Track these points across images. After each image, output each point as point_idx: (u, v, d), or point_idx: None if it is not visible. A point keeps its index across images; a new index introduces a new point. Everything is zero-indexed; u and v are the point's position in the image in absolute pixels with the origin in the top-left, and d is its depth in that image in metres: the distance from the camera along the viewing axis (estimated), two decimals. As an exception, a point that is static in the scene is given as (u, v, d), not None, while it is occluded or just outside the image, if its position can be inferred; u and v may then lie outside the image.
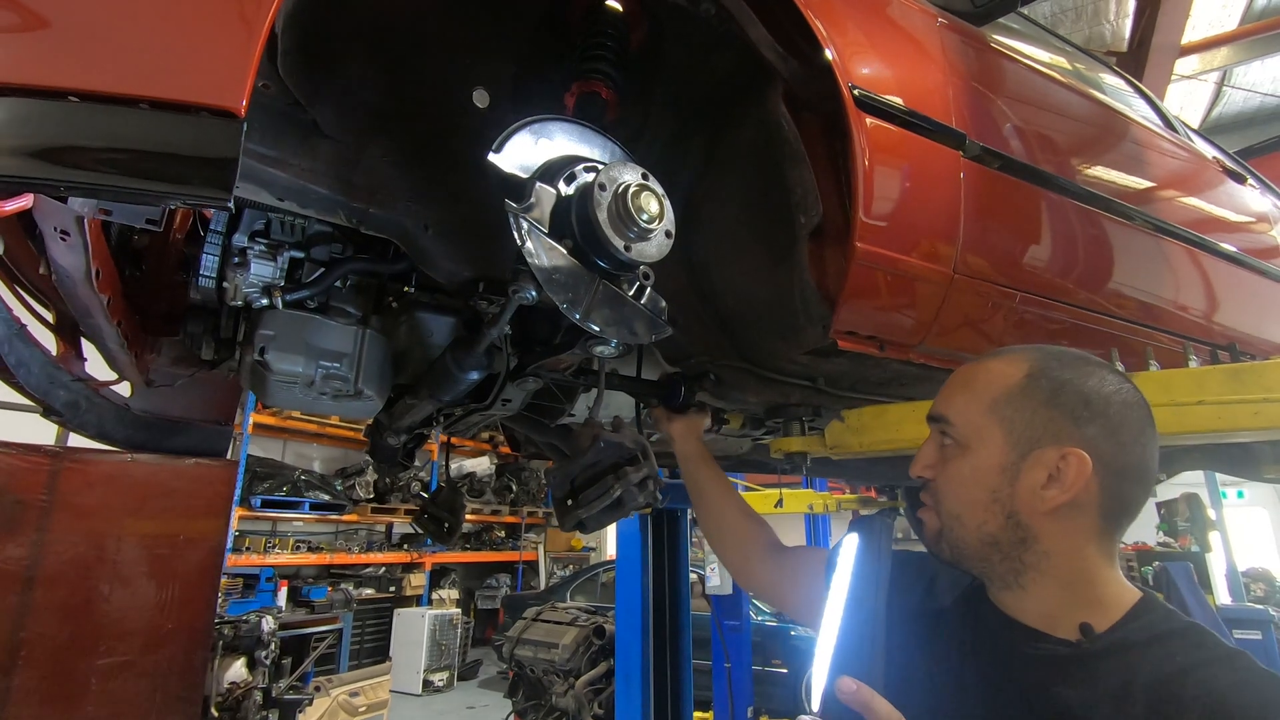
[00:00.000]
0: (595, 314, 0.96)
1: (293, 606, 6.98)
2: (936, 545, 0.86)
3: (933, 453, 0.87)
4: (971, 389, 0.86)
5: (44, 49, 0.65)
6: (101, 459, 2.10)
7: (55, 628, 1.98)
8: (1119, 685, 0.72)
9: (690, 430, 1.53)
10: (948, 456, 0.85)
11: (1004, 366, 0.86)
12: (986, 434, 0.82)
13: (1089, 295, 1.54)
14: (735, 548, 1.37)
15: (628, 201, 0.93)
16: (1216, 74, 7.15)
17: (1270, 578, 10.12)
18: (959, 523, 0.83)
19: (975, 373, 0.88)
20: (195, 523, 2.26)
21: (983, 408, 0.83)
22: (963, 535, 0.83)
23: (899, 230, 1.22)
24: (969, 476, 0.83)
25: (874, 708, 0.63)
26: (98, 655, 2.04)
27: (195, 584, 2.24)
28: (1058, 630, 0.79)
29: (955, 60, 1.40)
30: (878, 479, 3.38)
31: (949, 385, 0.89)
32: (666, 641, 3.38)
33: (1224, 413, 1.15)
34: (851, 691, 0.64)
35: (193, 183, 0.66)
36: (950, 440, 0.85)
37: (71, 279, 1.05)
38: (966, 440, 0.84)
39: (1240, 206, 2.11)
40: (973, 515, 0.82)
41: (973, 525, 0.82)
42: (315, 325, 1.26)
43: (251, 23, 0.72)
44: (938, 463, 0.86)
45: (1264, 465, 2.11)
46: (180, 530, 2.23)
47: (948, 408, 0.86)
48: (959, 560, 0.85)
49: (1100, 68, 2.33)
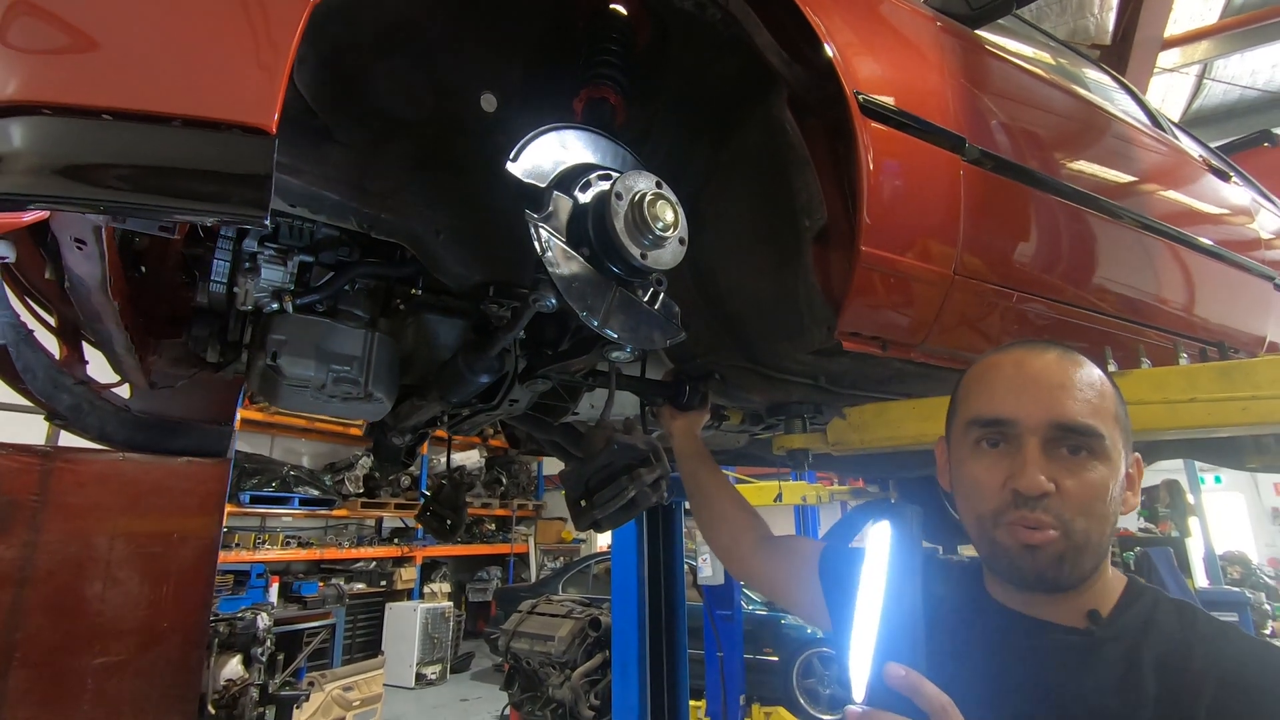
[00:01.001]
0: (613, 321, 0.98)
1: (284, 602, 6.97)
2: (1057, 567, 0.78)
3: (1045, 462, 0.78)
4: (1099, 394, 0.81)
5: (77, 69, 0.66)
6: (93, 458, 2.09)
7: (49, 628, 1.97)
8: (1128, 667, 0.76)
9: (690, 426, 1.56)
10: (1076, 468, 0.78)
11: (1093, 368, 0.83)
12: (1118, 443, 0.80)
13: (1082, 293, 1.58)
14: (729, 539, 1.39)
15: (644, 210, 0.95)
16: (1197, 67, 7.26)
17: (1246, 560, 10.38)
18: (1088, 539, 0.78)
19: (1088, 375, 0.82)
20: (188, 520, 2.25)
21: (1110, 415, 0.80)
22: (1088, 552, 0.78)
23: (902, 233, 1.25)
24: (1108, 490, 0.78)
25: (924, 691, 0.63)
26: (93, 655, 2.04)
27: (189, 582, 2.23)
28: (1064, 619, 0.82)
29: (953, 63, 1.43)
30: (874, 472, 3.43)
31: (1066, 388, 0.80)
32: (662, 632, 3.41)
33: (1215, 409, 1.19)
34: (900, 677, 0.64)
35: (230, 201, 0.67)
36: (1085, 450, 0.78)
37: (86, 286, 1.05)
38: (1108, 452, 0.79)
39: (1225, 203, 2.16)
40: (1100, 529, 0.78)
41: (1098, 539, 0.79)
42: (326, 329, 1.26)
43: (279, 41, 0.73)
44: (1057, 474, 0.78)
45: (1247, 455, 2.18)
46: (173, 528, 2.22)
47: (1095, 418, 0.79)
48: (1070, 580, 0.79)
49: (1086, 64, 2.37)
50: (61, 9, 0.66)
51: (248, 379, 1.46)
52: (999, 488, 0.80)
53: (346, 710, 5.70)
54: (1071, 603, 0.82)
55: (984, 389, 0.86)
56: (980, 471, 0.83)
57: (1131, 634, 0.79)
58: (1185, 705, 0.72)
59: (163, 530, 2.20)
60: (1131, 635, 0.79)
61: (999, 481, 0.80)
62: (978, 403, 0.85)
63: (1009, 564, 0.81)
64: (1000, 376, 0.85)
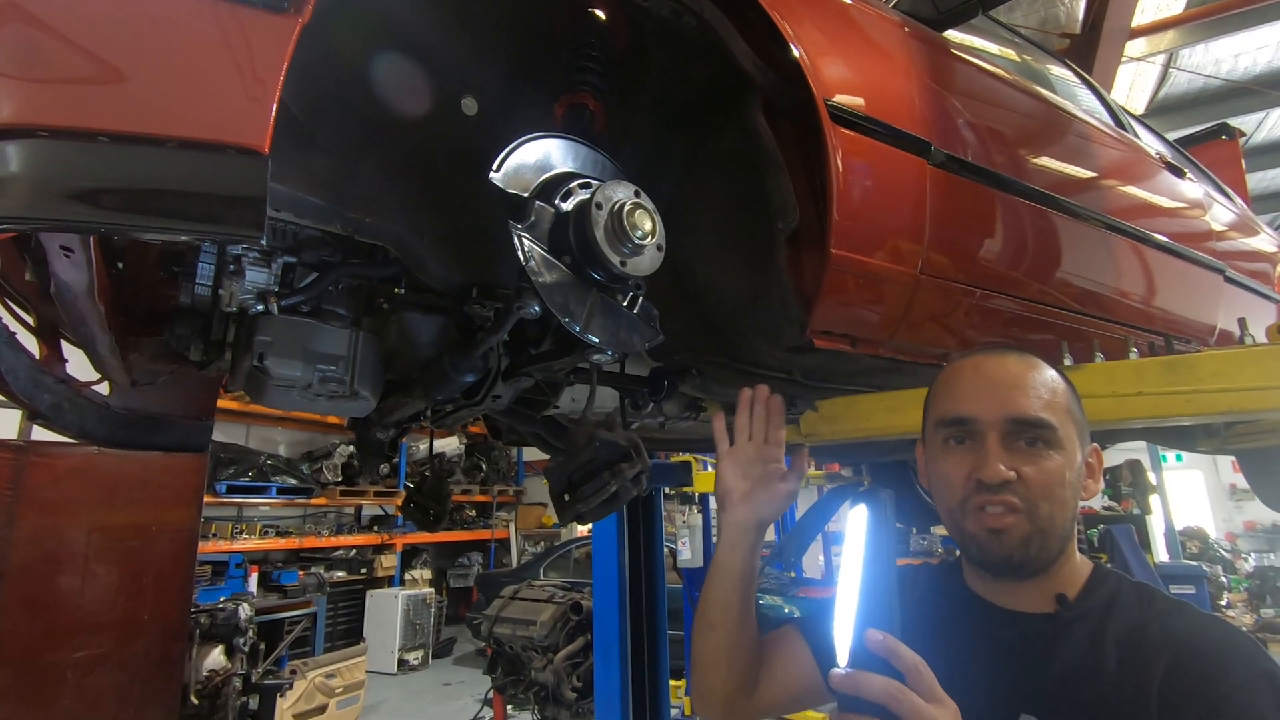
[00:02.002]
0: (594, 325, 1.02)
1: (264, 591, 6.96)
2: (1024, 549, 0.86)
3: (1004, 454, 0.87)
4: (1051, 390, 0.89)
5: (73, 91, 0.68)
6: (68, 452, 2.08)
7: (27, 623, 1.97)
8: (1092, 642, 0.84)
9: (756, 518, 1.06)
10: (1034, 458, 0.86)
11: (1048, 369, 0.92)
12: (1071, 434, 0.89)
13: (1042, 289, 1.65)
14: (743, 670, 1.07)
15: (623, 219, 0.99)
16: (1163, 56, 7.40)
17: (1204, 535, 10.77)
18: (1051, 522, 0.86)
19: (1041, 375, 0.91)
20: (166, 513, 2.25)
21: (1063, 409, 0.89)
22: (1052, 534, 0.86)
23: (870, 235, 1.31)
24: (1065, 476, 0.86)
25: (899, 653, 0.68)
26: (72, 649, 2.04)
27: (169, 574, 2.24)
28: (1036, 607, 0.90)
29: (920, 68, 1.48)
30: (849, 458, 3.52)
31: (1020, 387, 0.89)
32: (643, 615, 3.49)
33: (1159, 402, 1.27)
34: (879, 641, 0.69)
35: (226, 221, 0.69)
36: (1042, 441, 0.87)
37: (73, 292, 1.07)
38: (1062, 442, 0.87)
39: (1179, 198, 2.25)
40: (1062, 513, 0.87)
41: (1061, 522, 0.87)
42: (311, 330, 1.29)
43: (269, 62, 0.75)
44: (1016, 464, 0.86)
45: (1198, 440, 2.30)
46: (151, 521, 2.22)
47: (1047, 411, 0.87)
48: (1038, 561, 0.87)
49: (1051, 60, 2.44)
50: (58, 32, 0.68)
51: (232, 378, 1.48)
52: (965, 480, 0.89)
53: (330, 697, 5.74)
54: (1042, 589, 0.90)
55: (948, 392, 0.95)
56: (949, 467, 0.92)
57: (1096, 614, 0.87)
58: (1141, 674, 0.80)
59: (140, 523, 2.20)
60: (1096, 615, 0.87)
61: (965, 474, 0.89)
62: (943, 405, 0.95)
63: (979, 550, 0.89)
64: (962, 380, 0.94)
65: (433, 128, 1.25)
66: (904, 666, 0.68)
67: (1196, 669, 0.78)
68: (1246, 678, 0.76)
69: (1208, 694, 0.76)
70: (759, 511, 1.06)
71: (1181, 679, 0.78)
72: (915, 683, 0.67)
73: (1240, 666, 0.78)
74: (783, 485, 1.07)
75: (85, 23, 0.69)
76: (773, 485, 1.06)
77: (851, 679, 0.69)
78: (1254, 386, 1.22)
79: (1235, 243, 2.47)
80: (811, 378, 1.60)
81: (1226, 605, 9.16)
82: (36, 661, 1.98)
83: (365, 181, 1.22)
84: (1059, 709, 0.82)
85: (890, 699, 0.66)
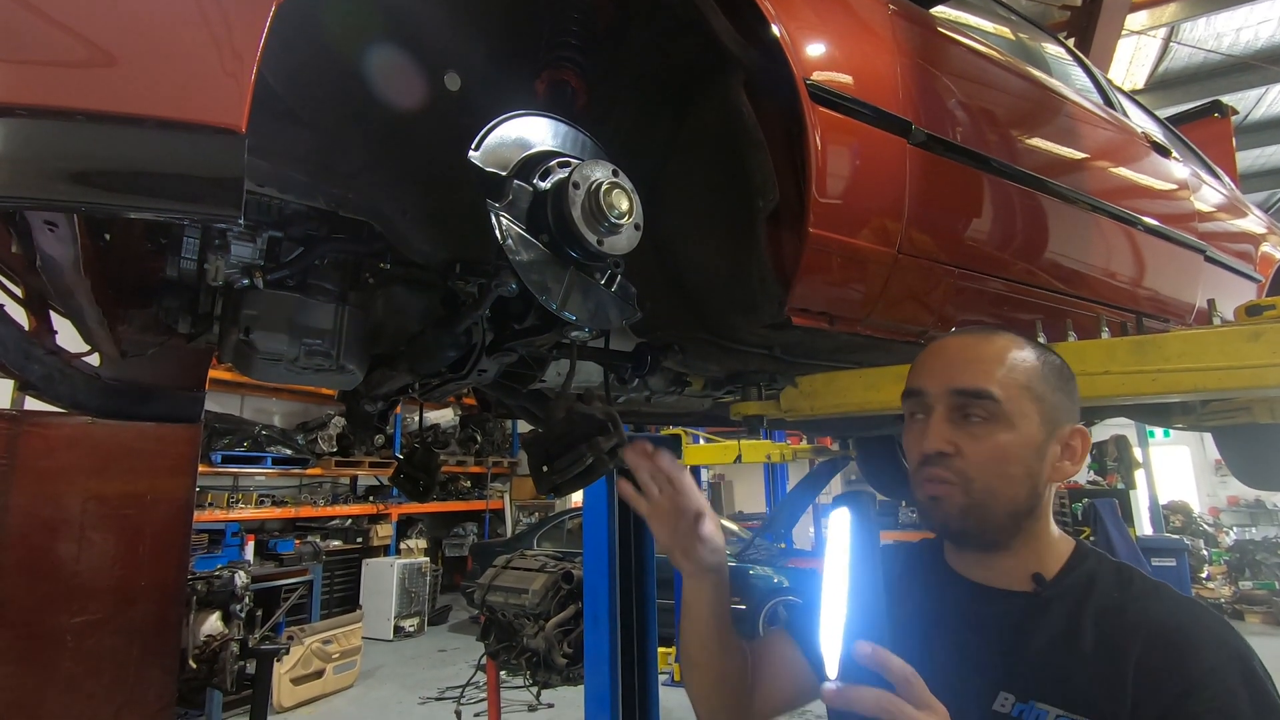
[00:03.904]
0: (571, 303, 1.04)
1: (260, 560, 7.04)
2: (961, 519, 0.88)
3: (949, 428, 0.88)
4: (1005, 365, 0.88)
5: (50, 71, 0.69)
6: (62, 422, 2.10)
7: (25, 589, 2.01)
8: (1069, 624, 0.85)
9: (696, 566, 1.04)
10: (978, 432, 0.87)
11: (1014, 347, 0.91)
12: (1026, 411, 0.87)
13: (1021, 269, 1.67)
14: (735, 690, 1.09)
15: (599, 199, 1.01)
16: (1164, 30, 7.32)
17: (1188, 510, 10.96)
18: (992, 497, 0.86)
19: (996, 350, 0.90)
20: (160, 482, 2.28)
21: (1020, 385, 0.87)
22: (993, 508, 0.87)
23: (849, 214, 1.32)
24: (1011, 452, 0.86)
25: (889, 665, 0.68)
26: (71, 614, 2.08)
27: (165, 542, 2.28)
28: (1014, 584, 0.91)
29: (904, 47, 1.48)
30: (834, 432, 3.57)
31: (970, 361, 0.90)
32: (632, 584, 3.56)
33: (1127, 381, 1.30)
34: (868, 654, 0.68)
35: (204, 201, 0.71)
36: (982, 415, 0.87)
37: (59, 266, 1.08)
38: (1009, 416, 0.86)
39: (1163, 178, 2.26)
40: (1007, 489, 0.87)
41: (1005, 498, 0.87)
42: (297, 304, 1.30)
43: (246, 40, 0.76)
44: (959, 437, 0.87)
45: (1174, 416, 2.34)
46: (146, 490, 2.25)
47: (989, 382, 0.87)
48: (979, 533, 0.89)
49: (1042, 37, 2.42)
50: (33, 8, 0.69)
51: (221, 350, 1.50)
52: (917, 452, 0.92)
53: (326, 662, 5.86)
54: (1019, 566, 0.91)
55: (913, 368, 0.97)
56: (909, 440, 0.95)
57: (1074, 594, 0.88)
58: (1117, 656, 0.81)
59: (135, 492, 2.23)
60: (1074, 595, 0.88)
61: (918, 446, 0.92)
62: (908, 379, 0.97)
63: (924, 517, 0.92)
64: (924, 356, 0.97)
65: (415, 103, 1.25)
66: (895, 678, 0.68)
67: (1171, 652, 0.79)
68: (1219, 660, 0.78)
69: (1181, 676, 0.77)
70: (700, 561, 1.03)
71: (1156, 661, 0.79)
72: (906, 693, 0.67)
73: (1213, 649, 0.79)
74: (708, 533, 1.02)
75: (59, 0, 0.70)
76: (699, 530, 1.02)
77: (843, 694, 0.69)
78: (1218, 366, 1.25)
79: (1219, 223, 2.49)
80: (792, 353, 1.62)
81: (1207, 578, 9.37)
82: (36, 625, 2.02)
83: (348, 157, 1.22)
84: (1035, 688, 0.83)
85: (883, 711, 0.67)
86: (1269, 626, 8.26)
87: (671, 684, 5.99)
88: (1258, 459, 2.97)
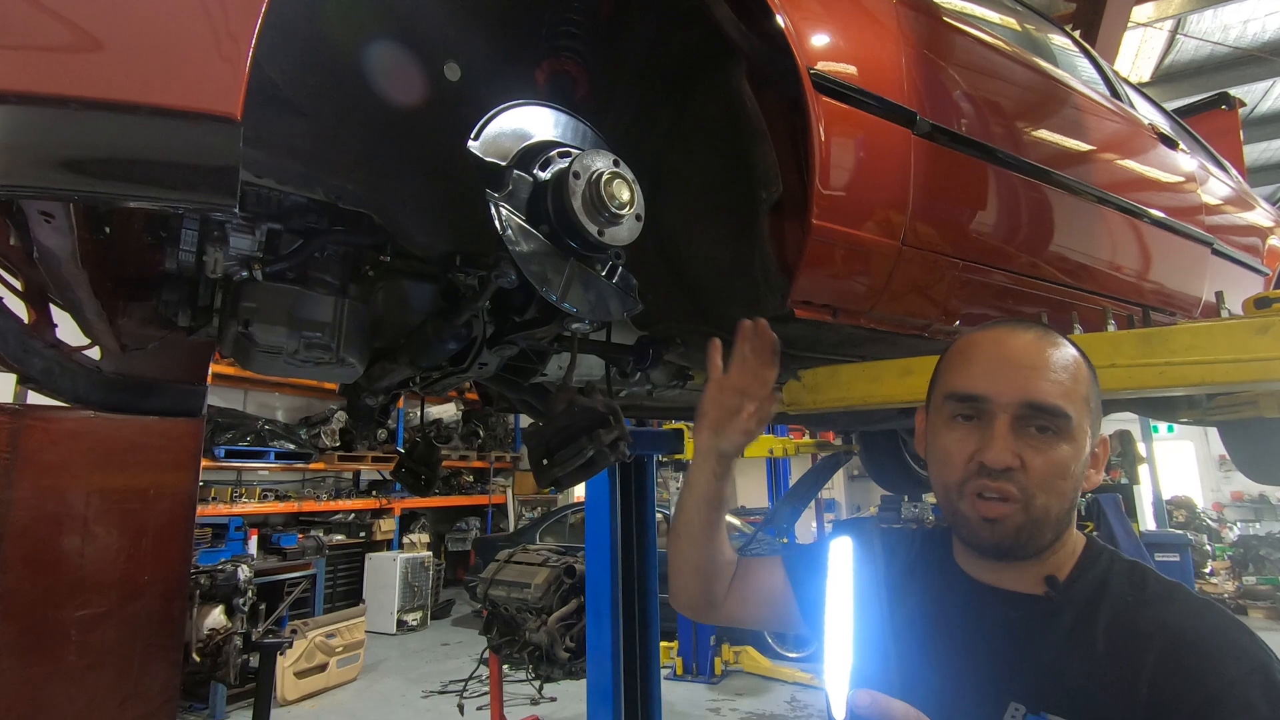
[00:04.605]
0: (571, 294, 1.03)
1: (264, 554, 7.05)
2: (1014, 537, 0.82)
3: (1012, 439, 0.81)
4: (1075, 379, 0.83)
5: (42, 58, 0.68)
6: (64, 416, 2.10)
7: (29, 582, 2.01)
8: (1081, 628, 0.81)
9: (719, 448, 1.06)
10: (1039, 444, 0.81)
11: (1076, 354, 0.86)
12: (1085, 426, 0.83)
13: (1025, 261, 1.66)
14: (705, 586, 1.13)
15: (600, 189, 1.00)
16: (1171, 22, 7.26)
17: (1192, 505, 10.94)
18: (1046, 513, 0.82)
19: (1065, 359, 0.85)
20: (164, 476, 2.28)
21: (1083, 398, 0.83)
22: (1045, 525, 0.82)
23: (853, 207, 1.31)
24: (1069, 467, 0.82)
25: (892, 713, 0.66)
26: (75, 607, 2.09)
27: (168, 536, 2.28)
28: (1024, 587, 0.86)
29: (909, 37, 1.46)
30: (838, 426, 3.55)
31: (1042, 369, 0.83)
32: (634, 578, 3.56)
33: (1133, 374, 1.29)
34: (868, 704, 0.66)
35: (199, 189, 0.70)
36: (1051, 429, 0.81)
37: (56, 258, 1.07)
38: (1074, 433, 0.82)
39: (1170, 171, 2.24)
40: (1059, 504, 0.82)
41: (1056, 514, 0.82)
42: (296, 296, 1.29)
43: (241, 27, 0.74)
44: (1021, 449, 0.81)
45: (1179, 411, 2.32)
46: (149, 484, 2.26)
47: (1066, 400, 0.82)
48: (1025, 550, 0.83)
49: (1049, 28, 2.40)
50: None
51: (221, 343, 1.49)
52: (967, 460, 0.84)
53: (330, 656, 5.88)
54: (1032, 570, 0.86)
55: (963, 365, 0.89)
56: (952, 444, 0.86)
57: (1086, 596, 0.84)
58: (1131, 665, 0.76)
59: (138, 486, 2.23)
60: (1086, 598, 0.84)
61: (968, 454, 0.84)
62: (956, 378, 0.89)
63: (970, 533, 0.86)
64: (979, 354, 0.88)
65: (414, 93, 1.24)
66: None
67: (1189, 662, 0.75)
68: (1239, 673, 0.73)
69: (1200, 689, 0.73)
70: (719, 441, 1.05)
71: (1173, 672, 0.75)
72: None
73: (1234, 661, 0.74)
74: (747, 424, 1.05)
75: (52, -14, 0.68)
76: (739, 421, 1.05)
77: None
78: (1226, 359, 1.24)
79: (1226, 216, 2.47)
80: (795, 347, 1.61)
81: (1210, 573, 9.35)
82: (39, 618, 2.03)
83: (347, 147, 1.21)
84: (1046, 698, 0.79)
85: None
86: (1272, 622, 8.25)
87: (673, 678, 6.00)
88: (1263, 454, 2.94)
